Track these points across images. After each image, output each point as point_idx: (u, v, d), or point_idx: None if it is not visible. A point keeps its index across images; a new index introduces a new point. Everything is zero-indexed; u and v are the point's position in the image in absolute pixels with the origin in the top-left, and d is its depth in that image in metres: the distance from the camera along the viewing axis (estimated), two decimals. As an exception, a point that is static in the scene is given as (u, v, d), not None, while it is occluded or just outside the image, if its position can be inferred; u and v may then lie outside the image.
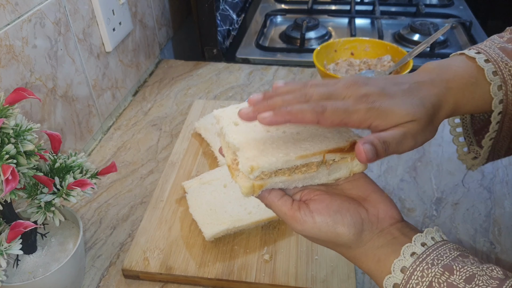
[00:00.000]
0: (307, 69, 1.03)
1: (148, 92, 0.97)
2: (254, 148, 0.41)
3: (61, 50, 0.69)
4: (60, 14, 0.68)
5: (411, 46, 1.12)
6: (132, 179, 0.74)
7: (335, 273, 0.55)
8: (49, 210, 0.47)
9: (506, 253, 0.59)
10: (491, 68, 0.44)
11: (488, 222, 0.63)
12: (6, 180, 0.39)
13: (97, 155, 0.80)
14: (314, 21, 1.19)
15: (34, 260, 0.51)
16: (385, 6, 1.33)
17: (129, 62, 0.92)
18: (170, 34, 1.15)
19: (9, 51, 0.58)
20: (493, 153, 0.51)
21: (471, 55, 0.46)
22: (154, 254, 0.58)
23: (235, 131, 0.44)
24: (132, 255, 0.58)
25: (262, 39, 1.18)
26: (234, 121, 0.46)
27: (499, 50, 0.46)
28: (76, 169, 0.50)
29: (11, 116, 0.42)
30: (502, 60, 0.45)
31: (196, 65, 1.07)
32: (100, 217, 0.67)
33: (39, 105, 0.65)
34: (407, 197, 0.68)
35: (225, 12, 1.17)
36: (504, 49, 0.46)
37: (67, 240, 0.53)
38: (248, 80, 0.99)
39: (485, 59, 0.45)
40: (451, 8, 1.31)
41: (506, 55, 0.45)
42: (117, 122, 0.88)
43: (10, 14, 0.58)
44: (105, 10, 0.79)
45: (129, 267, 0.57)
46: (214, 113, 0.48)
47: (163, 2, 1.08)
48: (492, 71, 0.44)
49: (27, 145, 0.42)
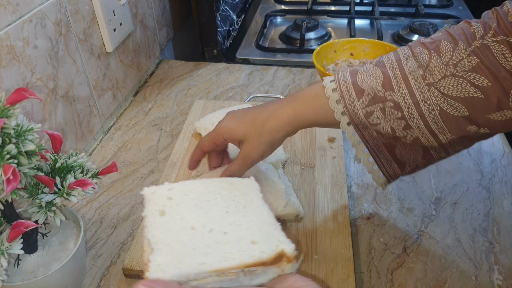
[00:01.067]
0: (307, 69, 1.03)
1: (148, 92, 0.97)
2: (169, 252, 0.38)
3: (62, 51, 0.69)
4: (61, 14, 0.68)
5: (410, 47, 1.12)
6: (132, 178, 0.74)
7: (334, 272, 0.56)
8: (50, 210, 0.47)
9: (505, 253, 0.59)
10: (332, 86, 0.52)
11: (487, 221, 0.63)
12: (7, 180, 0.40)
13: (98, 155, 0.80)
14: (313, 21, 1.19)
15: (35, 259, 0.51)
16: (384, 6, 1.33)
17: (129, 62, 0.93)
18: (170, 35, 1.15)
19: (10, 51, 0.58)
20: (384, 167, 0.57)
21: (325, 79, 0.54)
22: None
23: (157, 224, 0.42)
24: (132, 254, 0.58)
25: (262, 40, 1.18)
26: (160, 209, 0.43)
27: (347, 72, 0.53)
28: (77, 169, 0.50)
29: (12, 116, 0.43)
30: (343, 79, 0.52)
31: (197, 66, 1.07)
32: (101, 217, 0.67)
33: (40, 105, 0.65)
34: (406, 197, 0.68)
35: (225, 12, 1.17)
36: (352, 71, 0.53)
37: (68, 239, 0.54)
38: (248, 81, 1.00)
39: (331, 80, 0.53)
40: (450, 9, 1.31)
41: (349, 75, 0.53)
42: (118, 122, 0.88)
43: (11, 14, 0.58)
44: (106, 10, 0.79)
45: (129, 266, 0.57)
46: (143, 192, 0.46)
47: (163, 3, 1.08)
48: (332, 88, 0.52)
49: (28, 145, 0.42)
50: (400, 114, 0.49)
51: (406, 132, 0.50)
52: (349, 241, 0.59)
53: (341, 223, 0.61)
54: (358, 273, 0.57)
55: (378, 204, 0.67)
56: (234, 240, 0.41)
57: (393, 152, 0.54)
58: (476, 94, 0.46)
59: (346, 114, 0.52)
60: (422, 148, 0.52)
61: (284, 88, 0.96)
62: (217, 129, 0.57)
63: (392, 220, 0.64)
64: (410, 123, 0.49)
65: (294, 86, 0.97)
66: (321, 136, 0.78)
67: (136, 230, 0.64)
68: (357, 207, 0.67)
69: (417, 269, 0.57)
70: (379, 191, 0.69)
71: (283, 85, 0.97)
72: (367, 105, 0.50)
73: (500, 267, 0.57)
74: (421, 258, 0.59)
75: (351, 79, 0.52)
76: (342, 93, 0.51)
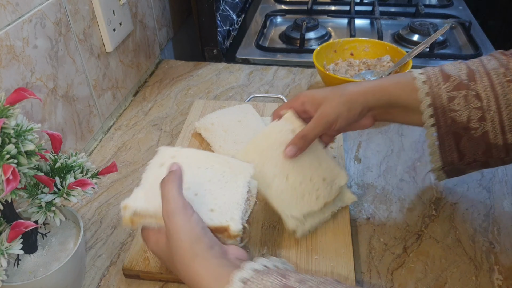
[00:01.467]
0: (307, 69, 1.03)
1: (148, 92, 0.97)
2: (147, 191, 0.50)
3: (61, 51, 0.69)
4: (61, 14, 0.68)
5: (410, 47, 1.12)
6: (132, 178, 0.74)
7: (334, 272, 0.55)
8: (49, 210, 0.47)
9: (506, 253, 0.59)
10: (418, 71, 0.57)
11: (487, 222, 0.63)
12: (7, 180, 0.40)
13: (97, 155, 0.80)
14: (313, 21, 1.19)
15: (35, 259, 0.51)
16: (384, 6, 1.33)
17: (129, 62, 0.93)
18: (170, 35, 1.15)
19: (10, 51, 0.58)
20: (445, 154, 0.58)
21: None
22: None
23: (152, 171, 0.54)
24: (132, 254, 0.58)
25: (262, 40, 1.18)
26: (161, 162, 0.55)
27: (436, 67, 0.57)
28: (76, 169, 0.50)
29: (11, 116, 0.42)
30: (432, 69, 0.57)
31: (196, 66, 1.07)
32: (101, 217, 0.67)
33: (39, 105, 0.65)
34: (407, 197, 0.68)
35: (225, 12, 1.17)
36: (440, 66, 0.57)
37: (67, 239, 0.54)
38: (248, 80, 1.00)
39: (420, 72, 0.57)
40: (451, 9, 1.31)
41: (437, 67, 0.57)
42: (118, 122, 0.88)
43: (11, 14, 0.58)
44: (106, 10, 0.79)
45: (129, 266, 0.57)
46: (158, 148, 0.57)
47: (163, 3, 1.08)
48: (420, 73, 0.56)
49: (27, 145, 0.42)
50: (479, 104, 0.53)
51: (479, 124, 0.53)
52: (349, 241, 0.59)
53: (341, 223, 0.61)
54: (358, 273, 0.57)
55: (378, 204, 0.67)
56: (198, 202, 0.50)
57: (459, 142, 0.56)
58: None
59: (430, 95, 0.55)
60: (486, 144, 0.54)
61: (284, 88, 0.96)
62: (297, 95, 0.60)
63: (392, 220, 0.64)
64: (486, 115, 0.52)
65: (294, 86, 0.97)
66: (321, 136, 0.78)
67: (136, 230, 0.64)
68: (357, 207, 0.67)
69: (417, 269, 0.57)
70: (379, 191, 0.69)
71: (283, 85, 0.97)
72: (451, 90, 0.54)
73: (500, 267, 0.57)
74: (421, 258, 0.59)
75: (438, 68, 0.56)
76: (429, 75, 0.55)
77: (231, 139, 0.74)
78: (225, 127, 0.76)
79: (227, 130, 0.76)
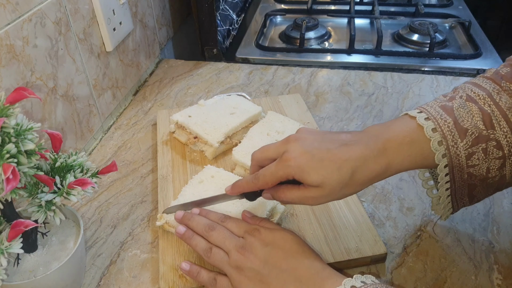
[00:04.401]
0: (307, 68, 1.03)
1: (148, 91, 0.97)
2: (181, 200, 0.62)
3: (61, 50, 0.69)
4: (61, 13, 0.68)
5: (410, 46, 1.12)
6: (132, 178, 0.74)
7: (363, 240, 0.58)
8: (49, 209, 0.47)
9: (505, 252, 0.59)
10: (430, 125, 0.48)
11: (487, 221, 0.63)
12: (7, 179, 0.40)
13: (97, 154, 0.80)
14: (313, 21, 1.19)
15: (35, 259, 0.51)
16: (384, 6, 1.33)
17: (129, 61, 0.92)
18: (170, 34, 1.15)
19: (10, 50, 0.58)
20: (456, 202, 0.55)
21: (413, 114, 0.49)
22: None
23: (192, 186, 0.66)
24: (166, 276, 0.56)
25: (262, 39, 1.18)
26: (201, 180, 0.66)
27: (439, 108, 0.49)
28: (76, 168, 0.50)
29: (11, 116, 0.42)
30: (441, 117, 0.48)
31: (196, 65, 1.07)
32: (101, 216, 0.67)
33: (39, 105, 0.65)
34: (406, 197, 0.68)
35: (225, 12, 1.17)
36: (444, 107, 0.49)
37: (67, 239, 0.54)
38: (248, 80, 1.00)
39: (425, 117, 0.49)
40: (450, 8, 1.31)
41: (445, 112, 0.49)
42: (118, 122, 0.88)
43: (11, 13, 0.58)
44: (106, 10, 0.79)
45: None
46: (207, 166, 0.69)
47: (163, 2, 1.08)
48: (432, 128, 0.48)
49: (27, 144, 0.42)
50: (500, 153, 0.47)
51: (498, 172, 0.48)
52: (364, 212, 0.63)
53: (351, 200, 0.65)
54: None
55: (377, 203, 0.67)
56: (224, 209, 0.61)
57: (472, 191, 0.52)
58: None
59: (446, 156, 0.48)
60: (500, 185, 0.51)
61: (284, 88, 0.96)
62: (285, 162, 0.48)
63: (392, 220, 0.64)
64: (506, 162, 0.48)
65: (294, 86, 0.97)
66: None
67: (136, 229, 0.64)
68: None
69: (417, 268, 0.57)
70: (379, 191, 0.69)
71: (283, 85, 0.97)
72: (470, 146, 0.47)
73: (499, 266, 0.57)
74: (421, 257, 0.59)
75: (451, 118, 0.48)
76: (444, 134, 0.47)
77: (210, 126, 0.75)
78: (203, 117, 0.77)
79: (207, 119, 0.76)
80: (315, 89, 0.96)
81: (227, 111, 0.79)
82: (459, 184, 0.51)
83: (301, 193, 0.49)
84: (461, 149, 0.47)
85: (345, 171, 0.47)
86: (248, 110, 0.79)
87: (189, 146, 0.77)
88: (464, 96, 0.49)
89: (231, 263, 0.50)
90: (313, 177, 0.47)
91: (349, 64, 1.06)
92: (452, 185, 0.51)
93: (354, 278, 0.44)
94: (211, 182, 0.65)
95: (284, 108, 0.86)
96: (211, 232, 0.53)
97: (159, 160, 0.75)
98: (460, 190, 0.52)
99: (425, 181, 0.59)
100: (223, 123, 0.75)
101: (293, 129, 0.75)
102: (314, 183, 0.47)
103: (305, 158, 0.47)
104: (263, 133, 0.74)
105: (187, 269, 0.54)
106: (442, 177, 0.50)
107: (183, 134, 0.77)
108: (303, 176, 0.47)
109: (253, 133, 0.74)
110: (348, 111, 0.88)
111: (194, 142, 0.75)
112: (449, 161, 0.48)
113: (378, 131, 0.50)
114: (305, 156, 0.47)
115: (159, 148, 0.77)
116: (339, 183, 0.47)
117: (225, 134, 0.74)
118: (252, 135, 0.74)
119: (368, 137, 0.49)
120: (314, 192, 0.48)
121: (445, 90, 0.93)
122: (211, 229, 0.54)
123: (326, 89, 0.96)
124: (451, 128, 0.48)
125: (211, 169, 0.67)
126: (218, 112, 0.78)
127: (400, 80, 0.97)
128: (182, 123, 0.76)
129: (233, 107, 0.80)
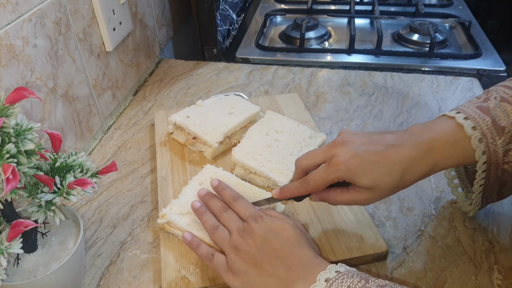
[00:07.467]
0: (307, 68, 1.03)
1: (148, 91, 0.97)
2: (180, 206, 0.62)
3: (61, 50, 0.69)
4: (61, 13, 0.68)
5: (410, 46, 1.12)
6: (132, 178, 0.74)
7: (364, 239, 0.59)
8: (49, 209, 0.47)
9: (505, 252, 0.59)
10: (470, 124, 0.50)
11: (487, 221, 0.63)
12: (7, 179, 0.40)
13: (97, 154, 0.80)
14: (313, 21, 1.19)
15: (35, 259, 0.51)
16: (384, 6, 1.33)
17: (129, 61, 0.92)
18: (170, 34, 1.15)
19: (10, 50, 0.58)
20: (485, 198, 0.57)
21: (451, 115, 0.52)
22: (190, 270, 0.56)
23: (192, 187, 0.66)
24: (168, 277, 0.55)
25: (262, 39, 1.18)
26: (201, 181, 0.66)
27: (476, 109, 0.51)
28: (76, 168, 0.50)
29: (11, 116, 0.42)
30: (479, 116, 0.50)
31: (196, 65, 1.07)
32: (101, 216, 0.67)
33: (39, 105, 0.65)
34: (406, 196, 0.68)
35: (225, 12, 1.17)
36: (481, 108, 0.51)
37: (67, 239, 0.54)
38: (248, 80, 1.00)
39: (464, 117, 0.51)
40: (450, 8, 1.31)
41: (482, 112, 0.51)
42: (118, 122, 0.88)
43: (11, 13, 0.58)
44: (106, 10, 0.79)
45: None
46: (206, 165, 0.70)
47: (163, 2, 1.08)
48: (471, 126, 0.50)
49: (27, 144, 0.42)
50: None
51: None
52: (364, 210, 0.63)
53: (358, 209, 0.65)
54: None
55: (377, 203, 0.67)
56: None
57: (502, 187, 0.54)
58: None
59: (485, 153, 0.50)
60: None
61: (284, 88, 0.96)
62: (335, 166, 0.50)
63: (392, 220, 0.64)
64: None
65: (294, 86, 0.97)
66: (321, 136, 0.78)
67: (136, 229, 0.64)
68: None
69: (417, 268, 0.57)
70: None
71: (283, 85, 0.97)
72: (507, 142, 0.49)
73: (500, 266, 0.57)
74: (421, 257, 0.59)
75: (489, 117, 0.50)
76: (483, 131, 0.50)
77: (209, 127, 0.75)
78: (201, 118, 0.77)
79: (205, 119, 0.76)
80: (315, 89, 0.96)
81: (225, 111, 0.79)
82: (492, 181, 0.53)
83: (353, 196, 0.51)
84: (499, 146, 0.50)
85: (396, 173, 0.49)
86: (247, 109, 0.79)
87: (188, 146, 0.77)
88: (498, 97, 0.51)
89: (230, 243, 0.52)
90: (364, 180, 0.49)
91: (349, 64, 1.06)
92: (486, 181, 0.53)
93: (339, 265, 0.46)
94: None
95: (282, 107, 0.86)
96: (223, 213, 0.56)
97: (158, 161, 0.74)
98: (491, 187, 0.54)
99: (451, 180, 0.59)
100: (222, 123, 0.75)
101: (292, 128, 0.75)
102: (366, 186, 0.49)
103: (355, 162, 0.49)
104: (262, 132, 0.74)
105: (188, 239, 0.56)
106: (480, 174, 0.52)
107: (182, 135, 0.77)
108: (355, 179, 0.49)
109: (252, 133, 0.74)
110: (348, 111, 0.88)
111: (193, 142, 0.75)
112: (488, 158, 0.50)
113: (421, 131, 0.51)
114: (355, 159, 0.49)
115: (157, 149, 0.77)
116: (390, 184, 0.49)
117: (224, 134, 0.73)
118: (251, 135, 0.74)
119: (413, 138, 0.50)
120: (366, 194, 0.50)
121: (445, 90, 0.93)
122: (224, 210, 0.56)
123: (326, 89, 0.96)
124: (490, 126, 0.50)
125: (210, 169, 0.67)
126: (216, 112, 0.78)
127: (400, 80, 0.97)
128: (181, 124, 0.76)
129: (231, 107, 0.80)
